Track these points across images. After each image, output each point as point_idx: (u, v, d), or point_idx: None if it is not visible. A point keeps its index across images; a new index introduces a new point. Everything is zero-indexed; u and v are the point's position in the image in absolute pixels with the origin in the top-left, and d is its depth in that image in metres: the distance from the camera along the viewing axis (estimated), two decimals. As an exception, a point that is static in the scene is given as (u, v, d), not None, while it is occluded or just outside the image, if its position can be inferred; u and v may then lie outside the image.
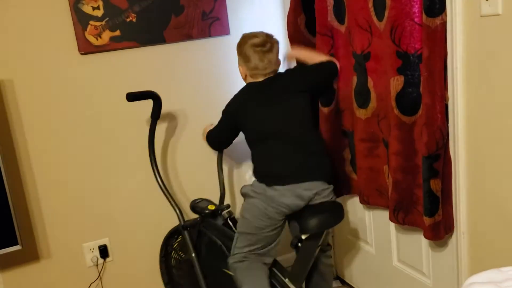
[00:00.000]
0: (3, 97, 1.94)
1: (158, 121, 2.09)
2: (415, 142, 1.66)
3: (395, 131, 1.69)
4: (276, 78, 1.85)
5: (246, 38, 1.85)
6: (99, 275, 2.20)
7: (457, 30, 1.45)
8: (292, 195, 1.68)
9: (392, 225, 1.98)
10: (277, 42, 1.85)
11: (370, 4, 1.70)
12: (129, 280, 2.26)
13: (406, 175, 1.69)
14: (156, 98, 1.96)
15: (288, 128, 1.75)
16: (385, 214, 1.99)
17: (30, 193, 2.04)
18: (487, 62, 1.40)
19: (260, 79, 1.83)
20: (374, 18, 1.70)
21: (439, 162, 1.52)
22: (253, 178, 1.80)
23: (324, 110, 2.03)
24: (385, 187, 1.84)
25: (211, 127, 2.00)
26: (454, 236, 1.66)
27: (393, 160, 1.71)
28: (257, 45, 1.80)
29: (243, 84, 2.17)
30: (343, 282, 2.38)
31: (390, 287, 2.09)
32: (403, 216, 1.73)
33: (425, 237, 1.61)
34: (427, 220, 1.56)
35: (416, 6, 1.54)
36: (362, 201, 1.97)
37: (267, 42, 1.81)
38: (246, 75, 1.88)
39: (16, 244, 1.80)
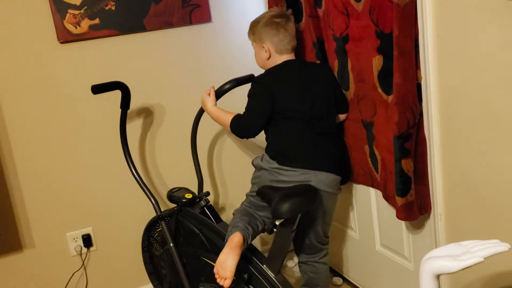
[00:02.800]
0: (-18, 86, 1.94)
1: (137, 111, 2.09)
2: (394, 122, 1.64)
3: (381, 110, 1.68)
4: (307, 63, 1.92)
5: (261, 16, 1.83)
6: (83, 264, 2.21)
7: (427, 7, 1.43)
8: (300, 179, 1.71)
9: (374, 209, 1.97)
10: (290, 13, 1.85)
11: (345, -15, 1.68)
12: (113, 268, 2.26)
13: (390, 154, 1.67)
14: (123, 89, 1.93)
15: (316, 114, 1.75)
16: (367, 197, 1.98)
17: (12, 183, 2.04)
18: (458, 39, 1.38)
19: (286, 55, 1.80)
20: (351, 0, 1.68)
21: (410, 142, 1.51)
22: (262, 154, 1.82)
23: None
24: (368, 167, 1.83)
25: (212, 91, 1.91)
26: (431, 218, 1.64)
27: (381, 138, 1.71)
28: (277, 16, 1.80)
29: (226, 72, 2.16)
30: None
31: (374, 272, 2.07)
32: (388, 195, 1.72)
33: (398, 217, 1.60)
34: (399, 200, 1.55)
35: (388, -16, 1.52)
36: (353, 179, 1.97)
37: (283, 13, 1.83)
38: (269, 56, 1.80)
39: (-6, 231, 1.80)
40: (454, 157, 1.49)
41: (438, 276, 0.97)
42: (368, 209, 1.99)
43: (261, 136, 1.84)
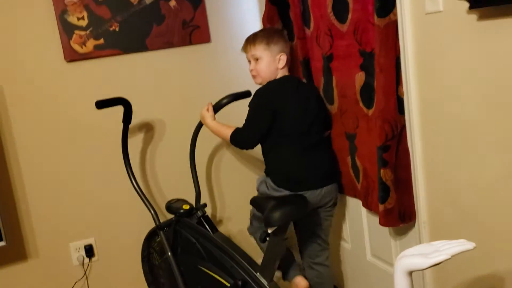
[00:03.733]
0: (-7, 102, 2.06)
1: (139, 126, 2.20)
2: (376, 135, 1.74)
3: (362, 123, 1.78)
4: (300, 80, 2.04)
5: (270, 29, 2.05)
6: (85, 274, 2.29)
7: (406, 27, 1.53)
8: (311, 200, 1.85)
9: (364, 219, 2.04)
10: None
11: (329, 10, 1.81)
12: (114, 279, 2.34)
13: (371, 164, 1.77)
14: (125, 104, 2.04)
15: (313, 132, 1.89)
16: (358, 208, 2.06)
17: (18, 194, 2.15)
18: (434, 56, 1.48)
19: (286, 68, 1.93)
20: (335, 22, 1.81)
21: (389, 153, 1.61)
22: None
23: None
24: (350, 177, 1.93)
25: (210, 106, 2.02)
26: (416, 226, 1.72)
27: (362, 150, 1.81)
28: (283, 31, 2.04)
29: (223, 89, 2.27)
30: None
31: (364, 282, 2.14)
32: (371, 203, 1.81)
33: (379, 223, 1.69)
34: (380, 207, 1.64)
35: (371, 8, 1.63)
36: (341, 190, 2.07)
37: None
38: (283, 65, 1.90)
39: (1, 240, 1.89)
40: (435, 167, 1.58)
41: (410, 273, 1.05)
42: (359, 220, 2.07)
43: (258, 148, 1.95)
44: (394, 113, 1.62)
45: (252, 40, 1.93)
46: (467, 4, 1.28)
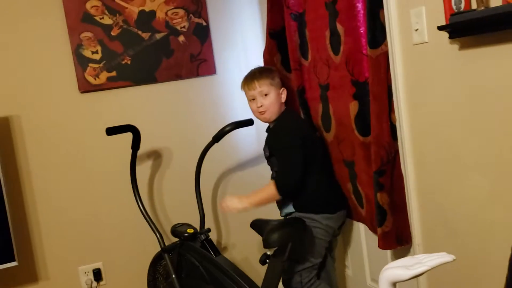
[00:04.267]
0: (11, 130, 2.19)
1: (147, 153, 2.30)
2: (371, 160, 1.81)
3: (359, 150, 1.86)
4: None
5: (265, 67, 2.13)
6: (92, 297, 2.35)
7: (396, 58, 1.63)
8: (337, 221, 1.96)
9: (364, 245, 2.09)
10: None
11: (327, 42, 1.92)
12: (120, 302, 2.40)
13: (371, 189, 1.83)
14: (134, 131, 2.15)
15: (327, 158, 2.03)
16: (357, 234, 2.11)
17: (31, 218, 2.25)
18: (423, 84, 1.57)
19: None
20: (331, 54, 1.92)
21: (384, 177, 1.67)
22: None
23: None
24: (353, 203, 1.99)
25: (233, 197, 1.89)
26: (412, 249, 1.76)
27: (362, 176, 1.87)
28: None
29: (228, 118, 2.37)
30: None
31: (366, 308, 2.16)
32: (375, 227, 1.86)
33: (378, 246, 1.73)
34: (378, 230, 1.69)
35: (363, 40, 1.74)
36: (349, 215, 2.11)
37: None
38: (285, 98, 1.98)
39: (13, 260, 1.97)
40: (428, 191, 1.64)
41: (394, 284, 1.10)
42: (359, 245, 2.12)
43: (260, 175, 2.02)
44: (388, 139, 1.69)
45: (258, 76, 1.96)
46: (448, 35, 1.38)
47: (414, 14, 1.52)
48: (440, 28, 1.35)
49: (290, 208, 1.95)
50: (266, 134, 2.14)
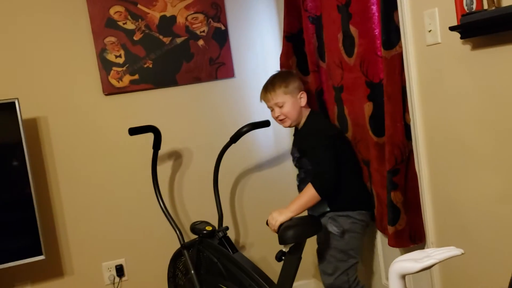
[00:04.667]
0: (38, 131, 2.29)
1: (168, 153, 2.37)
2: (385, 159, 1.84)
3: (373, 151, 1.89)
4: None
5: (283, 70, 2.16)
6: (115, 293, 2.43)
7: (410, 58, 1.67)
8: (369, 218, 1.99)
9: (379, 243, 2.11)
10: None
11: (340, 44, 1.97)
12: (142, 298, 2.47)
13: (383, 189, 1.86)
14: (155, 131, 2.23)
15: (356, 157, 2.04)
16: (372, 232, 2.13)
17: (57, 214, 2.34)
18: (436, 84, 1.60)
19: None
20: (344, 56, 1.96)
21: (398, 176, 1.70)
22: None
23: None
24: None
25: (283, 211, 1.83)
26: (425, 246, 1.78)
27: (375, 176, 1.90)
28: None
29: (246, 120, 2.43)
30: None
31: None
32: (385, 226, 1.89)
33: (389, 244, 1.76)
34: (390, 229, 1.72)
35: (378, 41, 1.78)
36: None
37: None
38: (306, 102, 1.97)
39: (41, 254, 2.06)
40: (441, 189, 1.66)
41: (403, 276, 1.14)
42: (373, 245, 2.14)
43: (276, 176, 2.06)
44: (402, 138, 1.72)
45: (271, 88, 1.97)
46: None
47: (428, 15, 1.56)
48: (452, 28, 1.38)
49: (324, 208, 1.94)
50: (282, 134, 2.20)
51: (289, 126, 2.04)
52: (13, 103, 2.03)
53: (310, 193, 1.82)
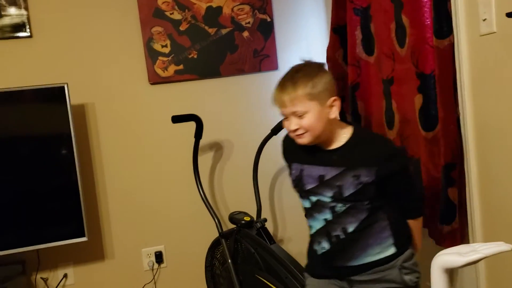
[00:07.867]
0: (86, 117, 2.36)
1: (209, 144, 2.39)
2: (434, 156, 1.77)
3: (422, 146, 1.83)
4: None
5: (310, 62, 1.50)
6: (153, 279, 2.46)
7: (462, 49, 1.59)
8: None
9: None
10: None
11: (393, 34, 1.90)
12: (180, 285, 2.50)
13: (428, 188, 1.79)
14: (197, 120, 2.25)
15: None
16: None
17: (101, 199, 2.40)
18: (489, 76, 1.52)
19: None
20: (397, 46, 1.90)
21: (455, 171, 1.63)
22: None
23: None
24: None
25: None
26: (471, 246, 1.70)
27: (424, 173, 1.84)
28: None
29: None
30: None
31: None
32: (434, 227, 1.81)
33: (441, 244, 1.68)
34: (445, 228, 1.65)
35: (430, 31, 1.72)
36: None
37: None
38: (337, 114, 1.42)
39: (83, 236, 2.13)
40: (491, 188, 1.58)
41: (447, 270, 1.09)
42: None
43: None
44: (457, 131, 1.65)
45: (291, 88, 1.38)
46: (518, 23, 1.33)
47: (482, 3, 1.48)
48: (509, 15, 1.31)
49: (386, 252, 1.43)
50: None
51: (307, 144, 1.42)
52: (63, 88, 2.10)
53: (419, 226, 1.50)
